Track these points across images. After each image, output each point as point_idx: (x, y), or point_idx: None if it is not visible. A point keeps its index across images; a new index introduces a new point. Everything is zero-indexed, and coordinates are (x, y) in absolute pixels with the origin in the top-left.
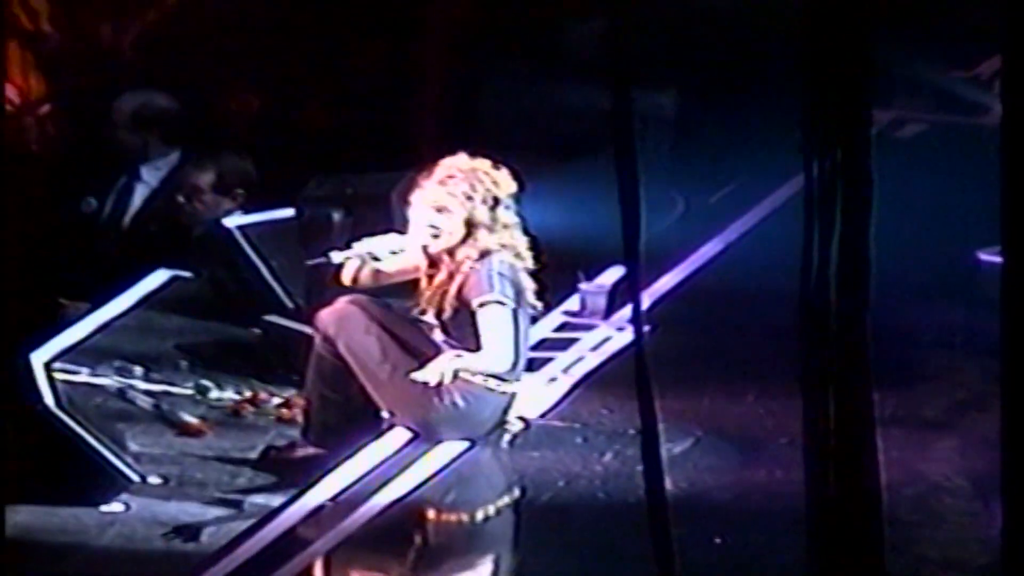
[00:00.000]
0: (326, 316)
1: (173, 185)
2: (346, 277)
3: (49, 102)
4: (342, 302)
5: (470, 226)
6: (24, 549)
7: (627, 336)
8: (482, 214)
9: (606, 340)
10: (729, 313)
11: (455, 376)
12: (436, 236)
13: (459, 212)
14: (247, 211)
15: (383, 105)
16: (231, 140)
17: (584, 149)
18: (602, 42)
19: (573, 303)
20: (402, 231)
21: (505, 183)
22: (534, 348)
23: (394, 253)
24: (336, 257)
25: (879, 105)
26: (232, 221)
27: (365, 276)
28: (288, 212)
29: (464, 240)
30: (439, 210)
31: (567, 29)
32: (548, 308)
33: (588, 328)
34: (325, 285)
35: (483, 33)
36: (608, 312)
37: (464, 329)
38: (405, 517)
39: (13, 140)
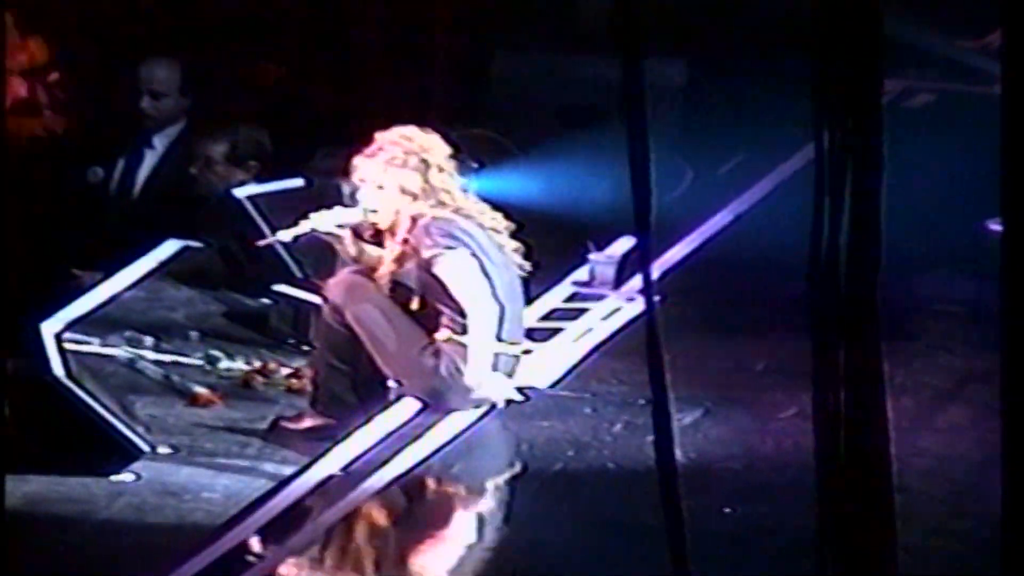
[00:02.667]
0: (334, 285)
1: (184, 154)
2: (343, 254)
3: (57, 68)
4: (351, 272)
5: (404, 195)
6: (33, 518)
7: (637, 306)
8: (413, 181)
9: (616, 311)
10: (739, 283)
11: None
12: (374, 211)
13: (391, 183)
14: (260, 182)
15: (394, 76)
16: (244, 110)
17: (594, 120)
18: (612, 13)
19: (583, 273)
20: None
21: (436, 147)
22: (544, 318)
23: (341, 227)
24: (284, 235)
25: (889, 75)
26: (242, 191)
27: (359, 254)
28: (298, 182)
29: (400, 211)
30: (370, 184)
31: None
32: (558, 278)
33: (598, 298)
34: (334, 255)
35: (494, 4)
36: (618, 282)
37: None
38: (412, 489)
39: (21, 107)
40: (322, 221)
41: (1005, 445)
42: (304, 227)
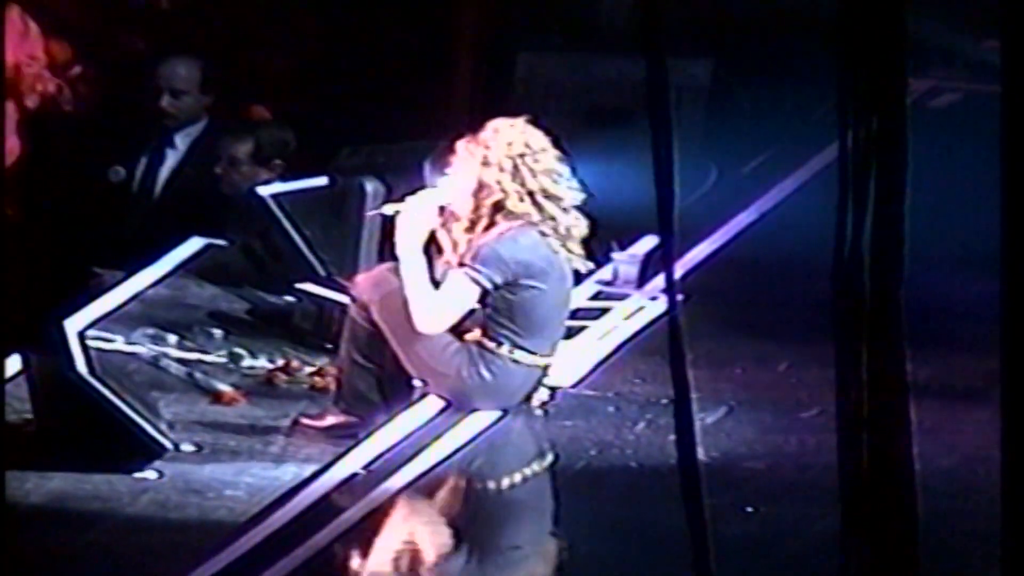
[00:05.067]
0: (362, 282)
1: (206, 152)
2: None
3: (78, 64)
4: (379, 269)
5: (494, 190)
6: (57, 515)
7: (660, 305)
8: (504, 178)
9: (639, 310)
10: (762, 283)
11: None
12: (452, 197)
13: (487, 177)
14: (284, 180)
15: (418, 75)
16: (267, 106)
17: (618, 119)
18: (636, 11)
19: (606, 272)
20: None
21: (537, 144)
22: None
23: (442, 209)
24: (388, 209)
25: (915, 74)
26: (266, 189)
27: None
28: (322, 180)
29: (487, 205)
30: (455, 171)
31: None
32: (582, 277)
33: (621, 297)
34: (358, 253)
35: (518, 2)
36: (641, 281)
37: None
38: (432, 485)
39: (44, 104)
40: (426, 199)
41: (1005, 445)
42: (408, 204)
